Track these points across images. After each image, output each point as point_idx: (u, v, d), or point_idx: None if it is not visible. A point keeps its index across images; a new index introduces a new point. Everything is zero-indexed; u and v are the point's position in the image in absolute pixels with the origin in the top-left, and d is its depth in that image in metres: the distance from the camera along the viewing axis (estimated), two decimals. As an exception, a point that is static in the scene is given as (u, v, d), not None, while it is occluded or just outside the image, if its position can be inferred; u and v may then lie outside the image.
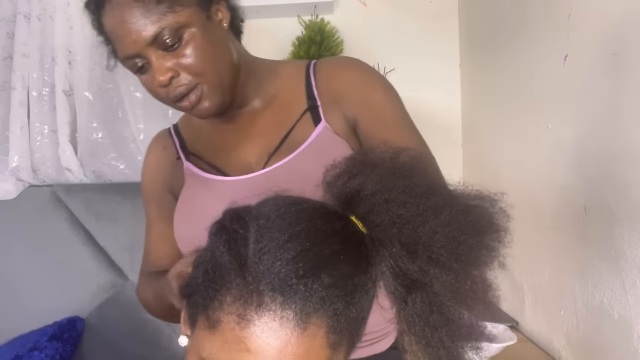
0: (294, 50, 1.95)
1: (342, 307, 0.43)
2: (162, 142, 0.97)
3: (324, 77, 0.84)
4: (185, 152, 0.93)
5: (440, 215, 0.46)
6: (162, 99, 0.79)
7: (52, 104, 1.90)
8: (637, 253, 0.90)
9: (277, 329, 0.42)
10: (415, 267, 0.45)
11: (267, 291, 0.42)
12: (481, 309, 0.48)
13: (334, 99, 0.82)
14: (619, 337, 0.96)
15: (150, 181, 0.97)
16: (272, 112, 0.85)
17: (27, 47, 1.89)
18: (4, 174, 1.88)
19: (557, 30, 1.19)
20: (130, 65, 0.78)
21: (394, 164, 0.50)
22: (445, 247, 0.45)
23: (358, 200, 0.47)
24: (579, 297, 1.10)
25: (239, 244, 0.45)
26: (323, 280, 0.42)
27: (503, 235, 0.49)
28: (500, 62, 1.60)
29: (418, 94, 2.06)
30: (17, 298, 1.78)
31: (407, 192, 0.47)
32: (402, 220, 0.45)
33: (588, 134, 1.06)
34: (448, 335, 0.46)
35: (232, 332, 0.43)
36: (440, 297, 0.45)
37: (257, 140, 0.85)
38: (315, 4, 1.96)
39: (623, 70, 0.93)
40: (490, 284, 0.49)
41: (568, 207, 1.14)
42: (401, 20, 2.07)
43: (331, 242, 0.45)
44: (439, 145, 2.01)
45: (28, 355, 1.57)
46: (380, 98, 0.82)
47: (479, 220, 0.48)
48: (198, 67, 0.75)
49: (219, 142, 0.89)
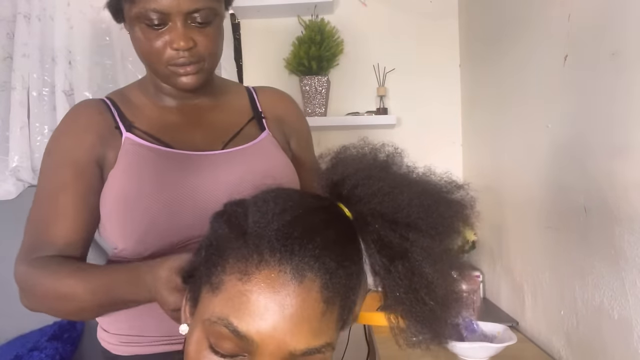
0: (294, 50, 1.95)
1: (333, 267, 0.47)
2: (97, 107, 0.91)
3: (268, 100, 1.03)
4: (126, 124, 0.89)
5: (415, 187, 0.53)
6: (159, 57, 0.84)
7: (52, 104, 1.90)
8: (637, 253, 0.90)
9: (276, 281, 0.45)
10: (396, 236, 0.50)
11: (266, 250, 0.46)
12: (457, 273, 0.54)
13: (278, 119, 1.02)
14: (619, 337, 0.96)
15: (73, 142, 0.87)
16: (221, 111, 0.97)
17: (27, 47, 1.89)
18: (4, 174, 1.88)
19: (557, 30, 1.19)
20: (146, 16, 0.81)
21: (374, 156, 0.56)
22: (421, 214, 0.51)
23: (342, 184, 0.53)
24: (579, 297, 1.10)
25: (239, 219, 0.50)
26: (316, 241, 0.47)
27: (472, 210, 0.56)
28: (500, 62, 1.60)
29: (418, 93, 2.06)
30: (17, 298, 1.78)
31: (386, 170, 0.54)
32: (381, 192, 0.51)
33: (588, 134, 1.06)
34: (428, 295, 0.51)
35: (235, 287, 0.47)
36: (419, 262, 0.50)
37: (206, 129, 0.94)
38: (315, 4, 1.96)
39: (623, 70, 0.94)
40: (462, 251, 0.54)
41: (568, 207, 1.14)
42: (401, 20, 2.07)
43: (322, 214, 0.51)
44: (439, 145, 2.04)
45: (28, 355, 1.57)
46: (306, 127, 1.09)
47: (450, 195, 0.55)
48: (211, 49, 0.86)
49: (163, 121, 0.93)
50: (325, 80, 1.95)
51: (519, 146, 1.45)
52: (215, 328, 0.47)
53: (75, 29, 1.89)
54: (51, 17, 1.89)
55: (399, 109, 2.06)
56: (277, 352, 0.45)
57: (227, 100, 1.00)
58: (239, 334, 0.46)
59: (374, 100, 2.06)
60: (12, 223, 1.86)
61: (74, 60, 1.89)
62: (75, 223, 0.84)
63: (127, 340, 0.89)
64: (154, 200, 0.83)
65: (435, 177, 0.56)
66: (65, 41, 1.89)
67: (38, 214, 0.86)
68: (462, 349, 1.15)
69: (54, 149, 0.88)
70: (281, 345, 0.45)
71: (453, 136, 2.06)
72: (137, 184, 0.84)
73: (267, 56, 2.04)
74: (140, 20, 0.82)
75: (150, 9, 0.80)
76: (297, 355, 0.46)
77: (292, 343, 0.45)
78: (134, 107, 0.93)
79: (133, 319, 0.88)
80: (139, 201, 0.83)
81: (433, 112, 2.06)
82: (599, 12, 1.02)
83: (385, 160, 0.56)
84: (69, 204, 0.84)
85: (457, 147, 2.06)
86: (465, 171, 2.03)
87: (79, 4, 1.89)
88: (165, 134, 0.90)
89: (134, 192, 0.84)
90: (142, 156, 0.86)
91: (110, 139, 0.87)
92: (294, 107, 1.08)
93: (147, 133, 0.89)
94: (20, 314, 1.77)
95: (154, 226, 0.83)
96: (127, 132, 0.88)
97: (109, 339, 0.91)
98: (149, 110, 0.93)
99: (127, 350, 0.89)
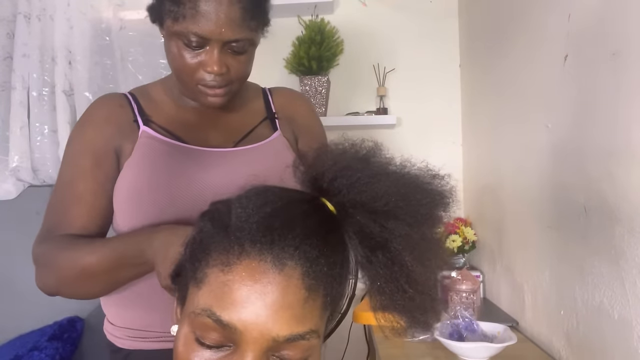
0: (294, 50, 1.95)
1: (314, 255, 0.48)
2: (118, 100, 0.95)
3: (281, 100, 1.06)
4: (144, 118, 0.93)
5: (393, 176, 0.54)
6: (190, 75, 0.87)
7: (52, 104, 1.90)
8: (637, 253, 0.90)
9: (257, 270, 0.47)
10: (376, 226, 0.51)
11: (247, 241, 0.47)
12: (436, 262, 0.55)
13: (289, 119, 1.04)
14: (619, 337, 0.96)
15: (94, 133, 0.91)
16: (236, 111, 1.00)
17: (27, 47, 1.89)
18: (4, 174, 1.89)
19: (557, 30, 1.19)
20: (186, 36, 0.83)
21: (354, 150, 0.57)
22: (399, 202, 0.52)
23: (322, 178, 0.54)
24: (579, 297, 1.10)
25: (222, 215, 0.51)
26: (296, 231, 0.48)
27: (451, 199, 0.56)
28: (500, 62, 1.60)
29: (418, 93, 2.06)
30: (17, 298, 1.78)
31: (365, 162, 0.55)
32: (360, 182, 0.52)
33: (588, 134, 1.06)
34: (408, 283, 0.52)
35: (217, 279, 0.48)
36: (399, 251, 0.51)
37: (220, 129, 0.97)
38: (315, 4, 1.96)
39: (623, 70, 0.94)
40: (441, 239, 0.57)
41: (568, 207, 1.14)
42: (401, 20, 2.07)
43: (303, 206, 0.52)
44: (439, 145, 2.04)
45: (28, 355, 1.57)
46: (317, 126, 1.09)
47: (428, 184, 0.56)
48: (241, 76, 0.90)
49: (179, 118, 0.95)
50: (325, 80, 1.95)
51: (519, 146, 1.45)
52: (200, 319, 0.48)
53: (75, 29, 1.89)
54: (51, 17, 1.89)
55: (399, 109, 2.06)
56: (261, 339, 0.46)
57: (243, 102, 1.02)
58: (222, 323, 0.46)
59: (374, 100, 2.06)
60: (12, 223, 1.87)
61: (74, 60, 1.89)
62: (92, 208, 0.88)
63: (132, 334, 0.90)
64: (162, 192, 0.86)
65: (414, 167, 0.57)
66: (65, 41, 1.89)
67: (57, 199, 0.90)
68: (462, 349, 1.15)
69: (75, 139, 0.93)
70: (264, 332, 0.46)
71: (453, 136, 2.06)
72: (148, 176, 0.87)
73: (267, 56, 2.04)
74: (178, 38, 0.84)
75: (191, 31, 0.82)
76: (281, 342, 0.47)
77: (275, 329, 0.46)
78: (153, 103, 0.96)
79: (139, 313, 0.90)
80: (148, 193, 0.86)
81: (433, 112, 2.06)
82: (599, 12, 1.02)
83: (365, 154, 0.57)
84: (87, 190, 0.88)
85: (457, 147, 2.06)
86: (465, 171, 2.03)
87: (79, 4, 1.89)
88: (180, 130, 0.93)
89: (145, 184, 0.86)
90: (155, 149, 0.89)
91: (128, 131, 0.91)
92: (305, 106, 1.09)
93: (163, 128, 0.92)
94: (20, 314, 1.78)
95: (162, 218, 0.85)
96: (144, 126, 0.92)
97: (115, 331, 0.93)
98: (167, 107, 0.96)
99: (131, 345, 0.91)
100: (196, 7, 0.81)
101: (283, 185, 0.56)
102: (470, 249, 1.84)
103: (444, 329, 1.25)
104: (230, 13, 0.82)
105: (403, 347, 1.31)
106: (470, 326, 1.24)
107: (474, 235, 1.83)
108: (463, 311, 1.27)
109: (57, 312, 1.73)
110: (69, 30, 1.89)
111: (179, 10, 0.82)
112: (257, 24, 0.87)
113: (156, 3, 0.88)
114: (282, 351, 0.48)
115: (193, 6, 0.81)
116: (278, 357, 0.48)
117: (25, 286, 1.78)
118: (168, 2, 0.83)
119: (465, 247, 1.83)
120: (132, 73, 1.90)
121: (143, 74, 1.92)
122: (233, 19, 0.82)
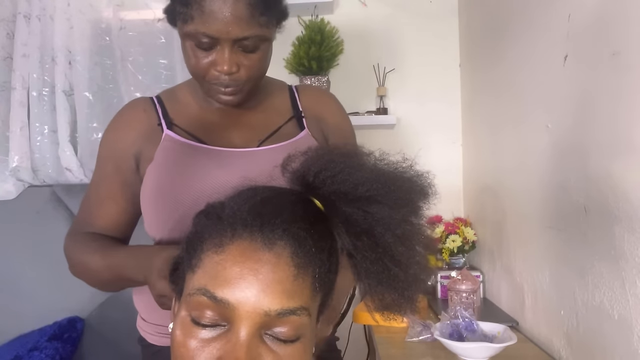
0: (294, 50, 1.95)
1: (302, 236, 0.51)
2: (142, 105, 0.98)
3: (308, 99, 1.04)
4: (167, 122, 0.95)
5: (374, 167, 0.58)
6: (203, 74, 0.87)
7: (52, 104, 1.90)
8: (637, 253, 0.90)
9: (248, 249, 0.50)
10: (360, 212, 0.54)
11: (239, 225, 0.51)
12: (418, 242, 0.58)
13: (317, 118, 1.02)
14: (619, 337, 0.96)
15: (116, 137, 0.96)
16: (261, 111, 1.00)
17: (27, 47, 1.89)
18: (4, 174, 1.89)
19: (557, 30, 1.19)
20: (196, 37, 0.84)
21: (337, 149, 0.61)
22: (380, 189, 0.55)
23: (308, 173, 0.57)
24: (579, 297, 1.10)
25: (216, 210, 0.55)
26: (284, 216, 0.52)
27: (428, 188, 0.60)
28: (500, 62, 1.60)
29: (418, 93, 2.06)
30: (17, 298, 1.78)
31: (347, 157, 0.58)
32: (343, 173, 0.55)
33: (588, 134, 1.06)
34: (392, 261, 0.55)
35: (211, 260, 0.51)
36: (382, 234, 0.54)
37: (244, 129, 0.97)
38: (315, 4, 1.96)
39: (623, 70, 0.94)
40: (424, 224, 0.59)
41: (568, 207, 1.14)
42: (401, 20, 2.07)
43: (291, 196, 0.56)
44: (439, 145, 2.04)
45: (28, 355, 1.57)
46: (347, 125, 1.08)
47: (406, 172, 0.60)
48: (254, 74, 0.89)
49: (203, 119, 0.97)
50: (325, 80, 1.95)
51: (519, 146, 1.45)
52: (195, 299, 0.50)
53: (75, 29, 1.89)
54: (51, 17, 1.89)
55: (399, 109, 2.06)
56: (254, 313, 0.48)
57: (268, 101, 1.02)
58: (216, 299, 0.49)
59: (374, 100, 2.06)
60: (12, 223, 1.87)
61: (74, 60, 1.89)
62: (112, 211, 0.94)
63: (163, 331, 0.93)
64: (185, 192, 0.87)
65: (391, 158, 0.61)
66: (65, 41, 1.89)
67: (87, 198, 0.98)
68: (462, 349, 1.15)
69: (102, 143, 0.98)
70: (256, 307, 0.48)
71: (453, 136, 2.06)
72: (171, 177, 0.89)
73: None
74: (190, 38, 0.85)
75: (200, 32, 0.83)
76: (273, 317, 0.49)
77: (266, 302, 0.48)
78: (178, 105, 0.98)
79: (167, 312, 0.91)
80: (171, 193, 0.88)
81: (433, 112, 2.06)
82: (599, 12, 1.02)
83: (346, 151, 0.60)
84: (108, 193, 0.95)
85: (457, 147, 2.06)
86: (465, 171, 2.03)
87: (79, 4, 1.89)
88: (203, 132, 0.95)
89: (167, 185, 0.89)
90: (178, 151, 0.91)
91: (152, 135, 0.94)
92: (334, 105, 1.08)
93: (185, 130, 0.94)
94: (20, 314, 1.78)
95: (186, 218, 0.86)
96: (167, 129, 0.94)
97: (147, 328, 0.97)
98: (191, 109, 0.98)
99: (162, 341, 0.94)
100: (202, 8, 0.81)
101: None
102: (470, 249, 1.84)
103: (444, 329, 1.25)
104: (236, 11, 0.81)
105: (403, 347, 1.31)
106: (470, 326, 1.24)
107: (474, 235, 1.83)
108: (463, 311, 1.27)
109: (57, 312, 1.73)
110: (68, 30, 1.89)
111: (187, 11, 0.83)
112: (268, 19, 0.85)
113: (170, 6, 0.89)
114: (275, 328, 0.50)
115: (199, 7, 0.82)
116: (271, 334, 0.50)
117: (25, 286, 1.79)
118: (178, 5, 0.85)
119: (465, 247, 1.83)
120: (132, 73, 1.90)
121: (143, 74, 1.92)
122: (240, 16, 0.82)
